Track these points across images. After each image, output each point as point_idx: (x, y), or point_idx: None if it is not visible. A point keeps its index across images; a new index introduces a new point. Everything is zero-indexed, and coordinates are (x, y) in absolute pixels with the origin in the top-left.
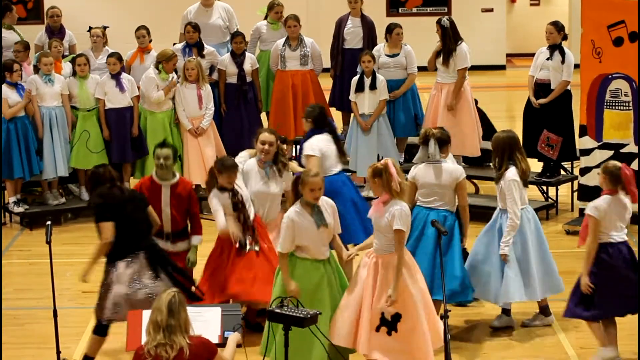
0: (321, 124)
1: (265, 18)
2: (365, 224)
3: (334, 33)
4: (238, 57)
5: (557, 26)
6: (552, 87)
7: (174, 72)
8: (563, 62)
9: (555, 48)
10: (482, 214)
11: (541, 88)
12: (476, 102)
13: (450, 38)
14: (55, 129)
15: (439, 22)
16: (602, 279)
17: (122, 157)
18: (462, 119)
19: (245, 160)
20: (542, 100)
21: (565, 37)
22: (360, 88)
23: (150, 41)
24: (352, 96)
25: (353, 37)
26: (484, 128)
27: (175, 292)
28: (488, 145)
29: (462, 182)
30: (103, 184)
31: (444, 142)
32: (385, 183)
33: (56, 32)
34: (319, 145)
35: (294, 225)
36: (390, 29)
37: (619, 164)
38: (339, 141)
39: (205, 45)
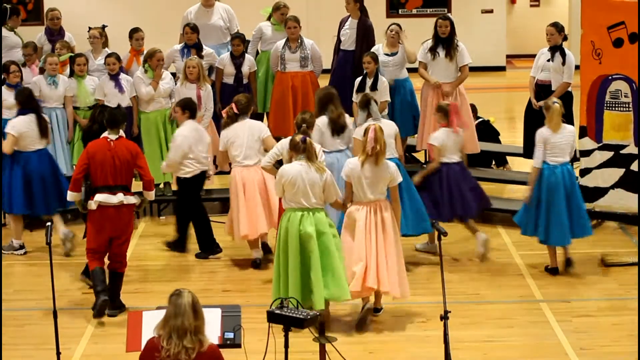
0: (27, 106)
1: (269, 19)
2: None
3: (337, 33)
4: (237, 59)
5: (558, 27)
6: (552, 89)
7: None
8: (564, 63)
9: (556, 49)
10: (482, 214)
11: (542, 89)
12: (475, 109)
13: (455, 33)
14: (57, 129)
15: (448, 18)
16: (441, 190)
17: None
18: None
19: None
20: (542, 103)
21: (565, 38)
22: (361, 89)
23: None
24: (354, 96)
25: (347, 38)
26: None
27: (190, 291)
28: (484, 146)
29: (398, 133)
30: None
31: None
32: (362, 143)
33: (56, 34)
34: (18, 126)
35: None
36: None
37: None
38: (41, 122)
39: (204, 47)
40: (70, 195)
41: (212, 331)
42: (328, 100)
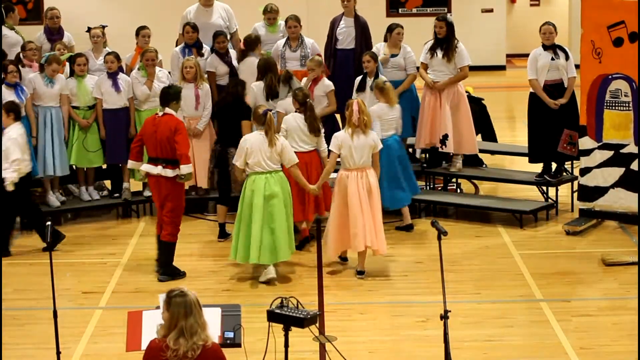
0: None
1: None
2: None
3: (328, 33)
4: (225, 56)
5: (553, 25)
6: (565, 86)
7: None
8: (567, 58)
9: (555, 47)
10: (482, 214)
11: (554, 88)
12: (483, 103)
13: (454, 34)
14: (51, 128)
15: (443, 19)
16: None
17: (115, 158)
18: (460, 118)
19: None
20: (561, 100)
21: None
22: (361, 88)
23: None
24: (354, 95)
25: (345, 37)
26: (482, 129)
27: (189, 290)
28: (483, 145)
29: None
30: None
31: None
32: (348, 116)
33: (55, 33)
34: None
35: None
36: (390, 29)
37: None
38: None
39: (205, 46)
40: (129, 164)
41: (213, 331)
42: (267, 69)
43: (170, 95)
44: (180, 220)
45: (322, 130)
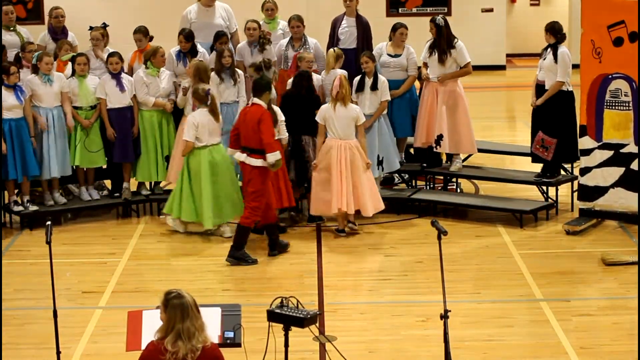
0: None
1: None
2: None
3: (329, 33)
4: None
5: (551, 28)
6: (546, 88)
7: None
8: (557, 62)
9: (548, 48)
10: (481, 214)
11: (538, 89)
12: None
13: (444, 37)
14: (52, 129)
15: (433, 20)
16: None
17: (124, 157)
18: (458, 118)
19: None
20: (537, 101)
21: (561, 38)
22: (361, 88)
23: (151, 39)
24: (353, 96)
25: (347, 37)
26: None
27: (185, 291)
28: (483, 145)
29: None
30: None
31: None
32: (330, 90)
33: (59, 32)
34: None
35: None
36: (395, 28)
37: None
38: None
39: (200, 47)
40: (228, 151)
41: (212, 330)
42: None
43: (261, 86)
44: (260, 205)
45: (283, 119)
